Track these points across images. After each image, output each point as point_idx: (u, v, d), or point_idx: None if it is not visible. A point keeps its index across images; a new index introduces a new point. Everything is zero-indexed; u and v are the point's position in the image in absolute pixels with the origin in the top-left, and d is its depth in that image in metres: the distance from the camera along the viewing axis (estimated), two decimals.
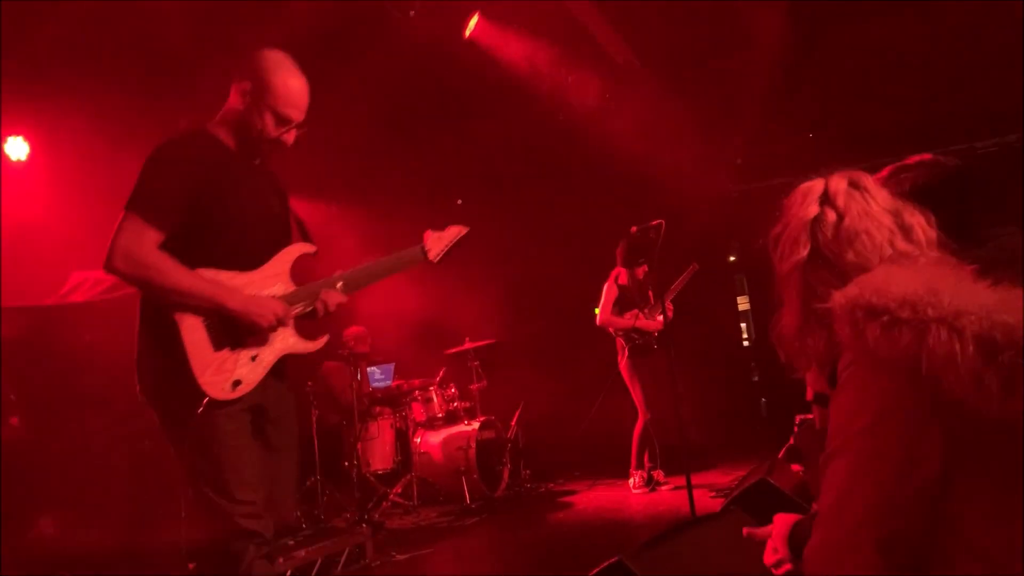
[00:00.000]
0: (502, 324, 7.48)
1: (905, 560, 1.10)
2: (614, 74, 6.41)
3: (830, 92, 6.75)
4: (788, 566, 1.55)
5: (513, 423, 6.73)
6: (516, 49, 5.80)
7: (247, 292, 2.35)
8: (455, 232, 2.85)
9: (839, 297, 1.20)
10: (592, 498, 6.03)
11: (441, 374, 6.73)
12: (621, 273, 6.04)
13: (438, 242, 2.80)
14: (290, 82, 2.41)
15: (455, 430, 6.26)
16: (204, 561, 2.36)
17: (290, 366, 2.57)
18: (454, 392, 6.66)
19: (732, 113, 6.78)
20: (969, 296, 1.10)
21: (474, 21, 5.45)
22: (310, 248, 2.58)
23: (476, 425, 6.23)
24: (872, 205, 1.34)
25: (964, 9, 5.46)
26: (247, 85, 2.40)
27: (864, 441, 1.14)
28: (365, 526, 5.00)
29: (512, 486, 6.45)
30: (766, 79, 6.08)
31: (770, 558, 1.61)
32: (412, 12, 4.99)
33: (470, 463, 6.00)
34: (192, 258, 2.30)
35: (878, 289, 1.16)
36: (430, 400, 6.54)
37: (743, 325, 8.79)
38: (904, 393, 1.11)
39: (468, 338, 6.73)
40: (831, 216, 1.35)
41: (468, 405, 6.67)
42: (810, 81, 6.51)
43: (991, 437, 1.07)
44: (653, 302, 5.94)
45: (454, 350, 6.82)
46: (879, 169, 1.89)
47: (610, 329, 5.97)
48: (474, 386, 6.76)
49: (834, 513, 1.17)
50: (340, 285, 2.54)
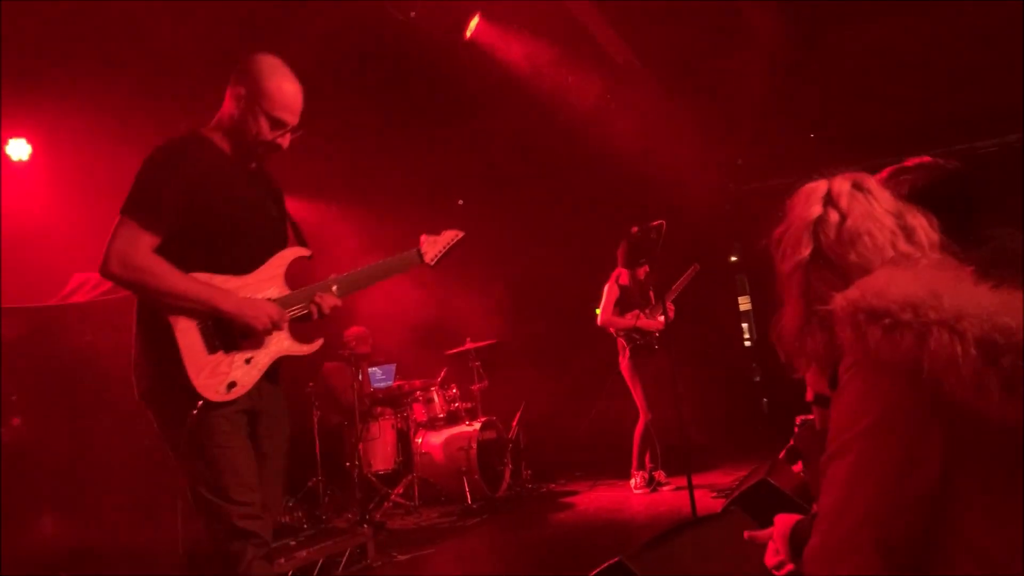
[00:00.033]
0: (503, 324, 7.48)
1: (905, 561, 1.10)
2: (615, 74, 6.41)
3: (830, 92, 6.75)
4: (790, 566, 1.55)
5: (514, 423, 6.73)
6: (516, 49, 5.80)
7: (242, 295, 2.37)
8: (451, 236, 2.89)
9: (840, 299, 1.20)
10: (593, 498, 6.03)
11: (442, 374, 6.73)
12: (622, 273, 6.03)
13: (433, 246, 2.84)
14: (284, 86, 2.43)
15: (456, 430, 6.26)
16: (203, 562, 2.37)
17: (291, 367, 2.58)
18: (455, 392, 6.65)
19: (732, 113, 6.78)
20: (970, 299, 1.10)
21: (475, 22, 5.45)
22: (305, 252, 2.60)
23: (477, 425, 6.22)
24: (875, 207, 1.35)
25: (964, 9, 5.47)
26: (242, 90, 2.42)
27: (865, 442, 1.14)
28: (366, 526, 5.00)
29: (513, 486, 6.45)
30: (766, 79, 6.08)
31: (771, 559, 1.61)
32: (413, 13, 5.00)
33: (471, 463, 6.00)
34: (187, 262, 2.32)
35: (879, 292, 1.16)
36: (431, 400, 6.54)
37: (744, 325, 8.77)
38: (905, 395, 1.11)
39: (469, 338, 6.73)
40: (834, 217, 1.35)
41: (469, 405, 6.66)
42: (810, 81, 6.51)
43: (991, 439, 1.07)
44: (654, 302, 5.94)
45: (455, 350, 6.82)
46: (879, 169, 1.89)
47: (611, 329, 5.97)
48: (475, 386, 6.76)
49: (834, 514, 1.17)
50: (335, 288, 2.56)
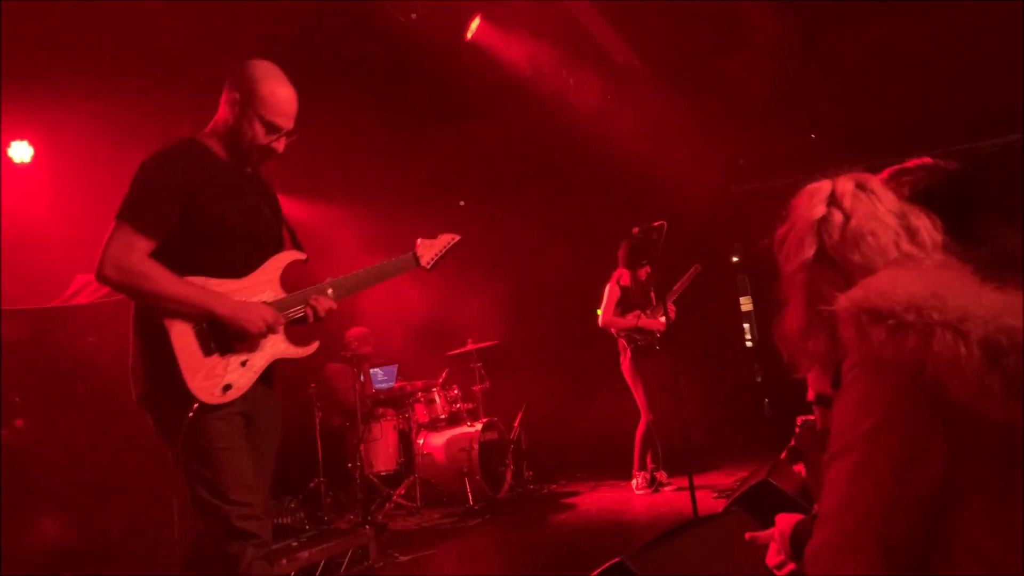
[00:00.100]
0: (504, 325, 7.49)
1: (906, 561, 1.10)
2: (615, 75, 6.41)
3: (831, 92, 6.75)
4: (791, 566, 1.56)
5: (516, 424, 6.74)
6: (517, 50, 5.80)
7: (237, 299, 2.38)
8: (447, 239, 2.93)
9: (844, 300, 1.20)
10: (595, 499, 6.03)
11: (444, 375, 6.73)
12: (623, 274, 6.04)
13: (429, 249, 2.87)
14: (278, 91, 2.46)
15: (458, 431, 6.27)
16: (203, 563, 2.38)
17: (293, 369, 2.60)
18: (457, 393, 6.66)
19: (733, 113, 6.78)
20: (974, 300, 1.10)
21: (475, 23, 5.46)
22: (300, 255, 2.62)
23: (479, 426, 6.23)
24: (879, 207, 1.35)
25: (964, 9, 5.46)
26: (236, 95, 2.44)
27: (867, 443, 1.14)
28: (368, 527, 5.01)
29: (515, 487, 6.45)
30: (767, 79, 6.08)
31: (772, 559, 1.61)
32: (414, 14, 5.00)
33: (473, 464, 6.00)
34: (183, 266, 2.34)
35: (883, 292, 1.16)
36: (433, 401, 6.54)
37: (746, 326, 8.77)
38: (908, 396, 1.11)
39: (471, 339, 6.74)
40: (838, 217, 1.35)
41: (471, 406, 6.67)
42: (811, 81, 6.51)
43: (994, 440, 1.07)
44: (655, 303, 5.94)
45: (457, 351, 6.83)
46: (880, 170, 1.89)
47: (612, 330, 5.97)
48: (477, 387, 6.76)
49: (836, 513, 1.17)
50: (330, 291, 2.58)
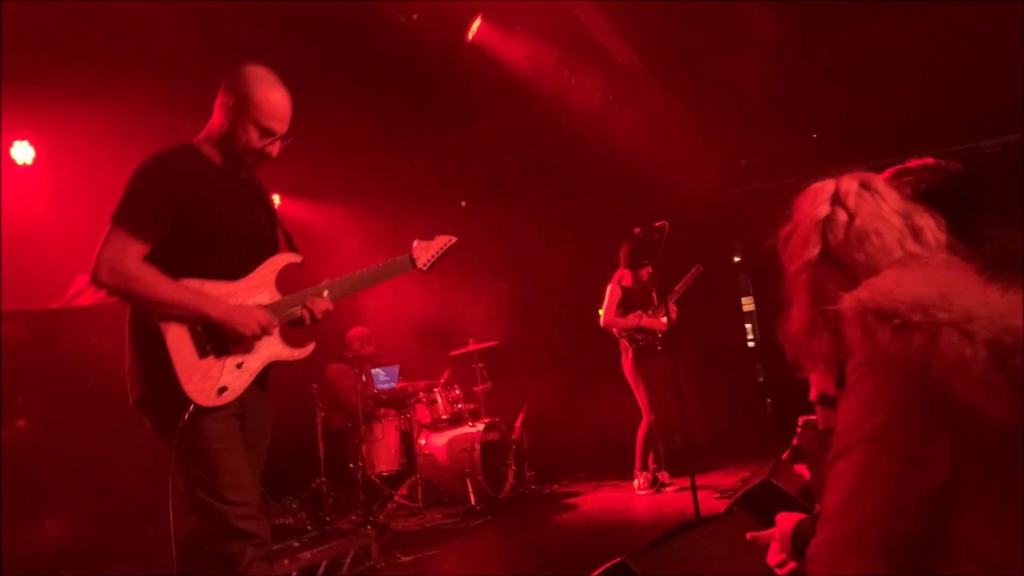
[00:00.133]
0: (506, 326, 7.49)
1: (907, 561, 1.10)
2: (616, 75, 6.42)
3: (831, 92, 6.75)
4: (792, 565, 1.56)
5: (517, 425, 6.74)
6: (518, 51, 5.80)
7: (232, 301, 2.40)
8: (444, 241, 2.93)
9: (849, 299, 1.20)
10: (597, 500, 6.03)
11: (445, 376, 6.73)
12: (625, 274, 6.04)
13: (426, 251, 2.88)
14: (272, 95, 2.47)
15: (459, 432, 6.26)
16: (195, 562, 2.39)
17: (294, 369, 2.60)
18: (458, 394, 6.65)
19: (734, 113, 6.78)
20: (980, 300, 1.10)
21: (476, 24, 5.46)
22: (296, 258, 2.63)
23: (480, 427, 6.22)
24: (883, 206, 1.35)
25: (964, 9, 5.46)
26: (230, 100, 2.46)
27: (872, 443, 1.14)
28: (370, 528, 5.01)
29: (516, 488, 6.44)
30: (767, 79, 6.08)
31: (774, 558, 1.61)
32: (415, 15, 5.00)
33: (474, 465, 6.00)
34: (178, 269, 2.35)
35: (888, 292, 1.16)
36: (434, 402, 6.54)
37: (748, 326, 8.76)
38: (914, 396, 1.11)
39: (472, 340, 6.73)
40: (842, 216, 1.35)
41: (472, 407, 6.66)
42: (811, 81, 6.51)
43: (999, 441, 1.07)
44: (656, 303, 5.94)
45: (458, 352, 6.83)
46: (881, 170, 1.89)
47: (614, 330, 5.97)
48: (478, 388, 6.76)
49: (839, 512, 1.17)
50: (326, 293, 2.59)
